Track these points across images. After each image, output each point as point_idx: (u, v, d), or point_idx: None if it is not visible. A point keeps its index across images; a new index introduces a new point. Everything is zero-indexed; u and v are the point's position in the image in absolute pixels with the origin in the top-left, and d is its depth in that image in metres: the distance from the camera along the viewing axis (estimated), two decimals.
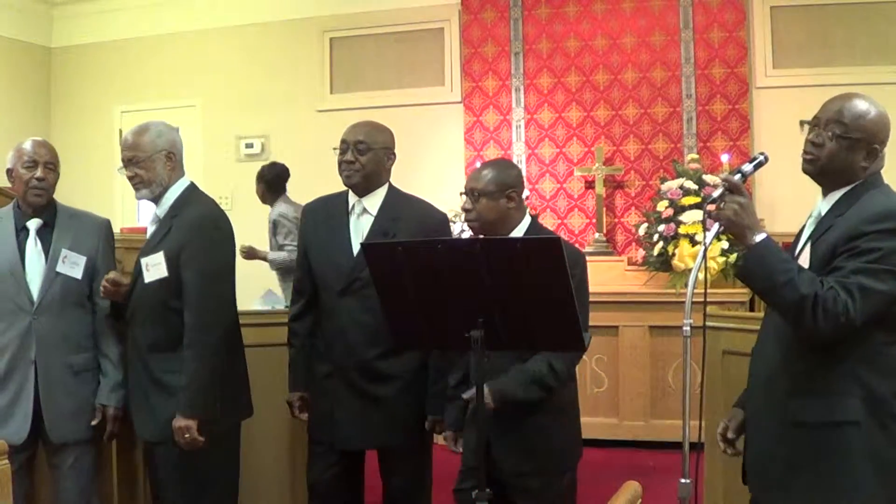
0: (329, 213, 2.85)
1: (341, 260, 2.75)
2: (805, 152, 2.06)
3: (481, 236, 2.54)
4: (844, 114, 2.00)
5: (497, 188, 2.51)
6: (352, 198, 2.81)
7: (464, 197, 2.60)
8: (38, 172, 2.76)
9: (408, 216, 2.78)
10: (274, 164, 5.52)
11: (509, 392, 2.40)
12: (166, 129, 2.79)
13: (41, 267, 2.76)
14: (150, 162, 2.72)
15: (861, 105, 2.01)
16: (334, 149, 2.78)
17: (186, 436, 2.56)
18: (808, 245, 2.02)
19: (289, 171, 5.48)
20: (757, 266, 1.96)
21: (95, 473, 2.87)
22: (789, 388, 1.98)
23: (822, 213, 2.05)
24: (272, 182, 5.40)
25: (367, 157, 2.75)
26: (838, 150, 2.00)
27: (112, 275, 2.74)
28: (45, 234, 2.80)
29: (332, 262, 2.77)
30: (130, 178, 2.75)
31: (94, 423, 2.78)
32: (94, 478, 2.86)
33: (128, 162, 2.74)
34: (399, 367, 2.72)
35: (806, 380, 1.96)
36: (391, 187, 2.84)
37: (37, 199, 2.78)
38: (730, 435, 2.19)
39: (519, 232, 2.54)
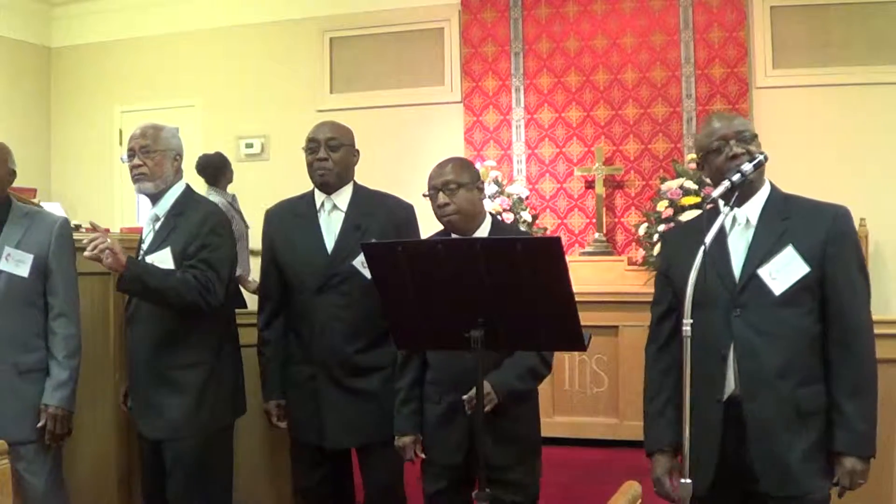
0: (296, 213, 2.86)
1: (316, 258, 2.76)
2: (739, 164, 2.15)
3: (446, 233, 2.55)
4: (745, 123, 2.23)
5: (471, 179, 2.53)
6: (319, 196, 2.83)
7: (426, 199, 2.58)
8: None
9: (377, 210, 2.81)
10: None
11: (509, 385, 2.41)
12: (178, 134, 2.87)
13: None
14: (161, 157, 2.77)
15: (740, 116, 2.28)
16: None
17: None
18: (789, 247, 2.12)
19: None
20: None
21: (56, 477, 2.80)
22: (799, 382, 2.10)
23: (752, 220, 2.18)
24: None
25: (339, 153, 2.78)
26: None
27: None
28: None
29: (306, 260, 2.78)
30: (137, 167, 2.76)
31: (39, 424, 2.71)
32: (55, 482, 2.79)
33: (140, 150, 2.76)
34: (380, 360, 2.73)
35: (809, 371, 2.12)
36: (356, 184, 2.88)
37: None
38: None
39: (485, 228, 2.55)
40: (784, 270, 2.11)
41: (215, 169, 5.46)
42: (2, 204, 2.81)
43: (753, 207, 2.19)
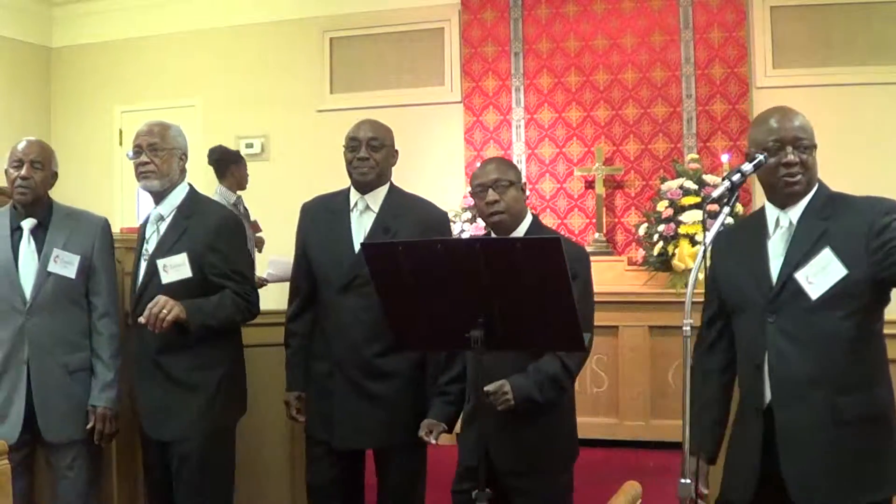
0: (330, 210, 2.86)
1: (342, 257, 2.75)
2: (790, 175, 2.06)
3: (488, 234, 2.54)
4: (805, 127, 2.10)
5: (517, 178, 2.54)
6: (354, 195, 2.82)
7: (467, 199, 2.59)
8: (23, 171, 2.75)
9: (409, 213, 2.79)
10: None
11: (529, 391, 2.39)
12: (183, 134, 2.88)
13: (34, 267, 2.76)
14: (169, 155, 2.78)
15: (802, 115, 2.13)
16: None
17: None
18: (826, 249, 2.02)
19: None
20: None
21: (95, 474, 2.86)
22: (834, 389, 2.01)
23: (794, 222, 2.09)
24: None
25: (380, 153, 2.78)
26: (814, 163, 2.11)
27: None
28: (39, 234, 2.79)
29: (333, 259, 2.77)
30: (143, 165, 2.76)
31: (88, 426, 2.76)
32: (94, 479, 2.85)
33: (148, 147, 2.76)
34: (397, 365, 2.72)
35: (848, 377, 2.01)
36: (392, 185, 2.86)
37: (21, 196, 2.77)
38: (705, 492, 2.21)
39: (524, 227, 2.54)
40: (821, 274, 2.02)
41: (226, 162, 5.35)
42: (45, 205, 2.84)
43: (798, 210, 2.10)
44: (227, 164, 5.38)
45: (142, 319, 2.58)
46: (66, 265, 2.77)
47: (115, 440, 2.95)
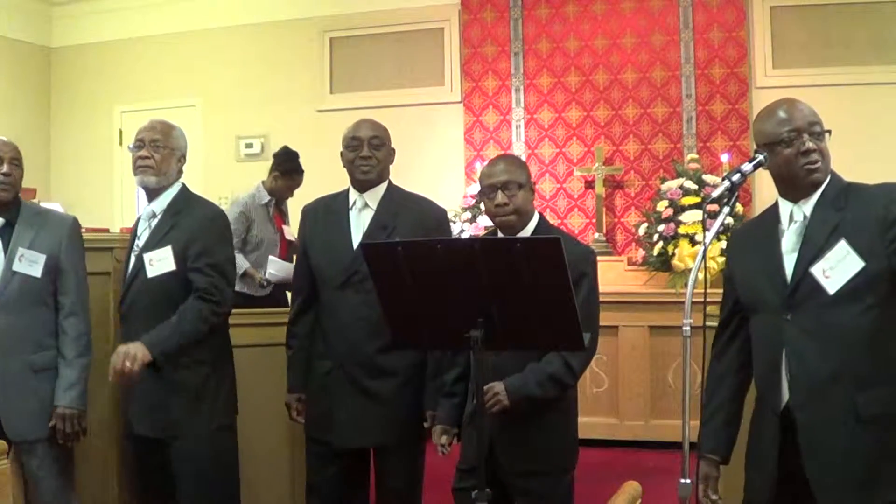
0: (329, 210, 2.87)
1: (341, 254, 2.76)
2: (811, 162, 2.02)
3: (494, 233, 2.54)
4: (815, 114, 2.07)
5: (527, 179, 2.52)
6: (353, 194, 2.83)
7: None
8: (4, 168, 2.75)
9: (407, 211, 2.80)
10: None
11: (525, 389, 2.38)
12: (185, 136, 2.90)
13: (0, 265, 2.75)
14: (169, 154, 2.80)
15: (806, 104, 2.09)
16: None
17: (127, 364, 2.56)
18: (841, 241, 1.96)
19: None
20: None
21: (68, 474, 2.83)
22: (855, 385, 1.95)
23: (808, 215, 2.04)
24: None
25: (381, 152, 2.80)
26: (828, 150, 2.07)
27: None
28: (6, 233, 2.78)
29: (331, 256, 2.78)
30: (143, 159, 2.77)
31: (50, 425, 2.73)
32: (68, 479, 2.82)
33: (150, 143, 2.78)
34: (398, 363, 2.72)
35: (870, 373, 1.95)
36: (390, 183, 2.87)
37: (4, 194, 2.77)
38: (714, 497, 2.17)
39: (531, 227, 2.53)
40: (838, 267, 1.95)
41: (275, 164, 5.04)
42: (15, 204, 2.83)
43: (811, 202, 2.05)
44: (274, 166, 5.11)
45: (111, 380, 2.61)
46: (31, 264, 2.75)
47: (115, 441, 2.94)
